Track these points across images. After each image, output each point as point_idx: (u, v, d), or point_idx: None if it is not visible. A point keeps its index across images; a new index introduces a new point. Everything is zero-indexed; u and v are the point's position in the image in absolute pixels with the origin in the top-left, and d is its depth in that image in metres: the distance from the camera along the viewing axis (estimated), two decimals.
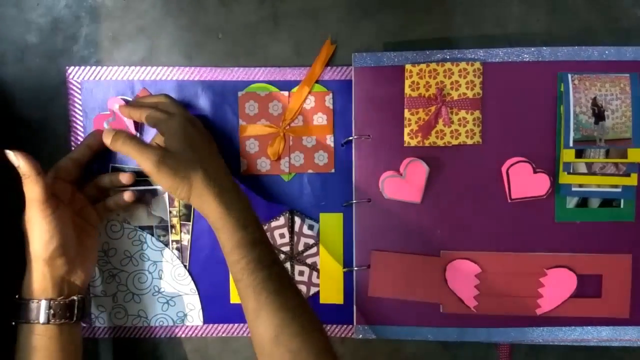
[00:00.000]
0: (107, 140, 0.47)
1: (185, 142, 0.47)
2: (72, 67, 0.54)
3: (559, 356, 0.55)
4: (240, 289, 0.45)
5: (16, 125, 0.54)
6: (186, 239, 0.54)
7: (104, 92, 0.54)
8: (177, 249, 0.54)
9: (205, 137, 0.50)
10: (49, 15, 0.54)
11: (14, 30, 0.54)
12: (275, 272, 0.45)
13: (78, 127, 0.54)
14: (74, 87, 0.54)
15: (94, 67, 0.54)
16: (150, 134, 0.54)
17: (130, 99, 0.53)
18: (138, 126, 0.54)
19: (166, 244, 0.54)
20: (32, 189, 0.45)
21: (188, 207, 0.54)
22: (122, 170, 0.54)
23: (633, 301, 0.52)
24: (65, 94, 0.54)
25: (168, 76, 0.53)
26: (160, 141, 0.48)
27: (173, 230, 0.54)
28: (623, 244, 0.52)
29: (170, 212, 0.54)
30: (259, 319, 0.44)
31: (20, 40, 0.54)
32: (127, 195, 0.52)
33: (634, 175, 0.51)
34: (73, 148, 0.54)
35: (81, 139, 0.54)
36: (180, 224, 0.54)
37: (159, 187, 0.54)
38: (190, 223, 0.54)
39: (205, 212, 0.46)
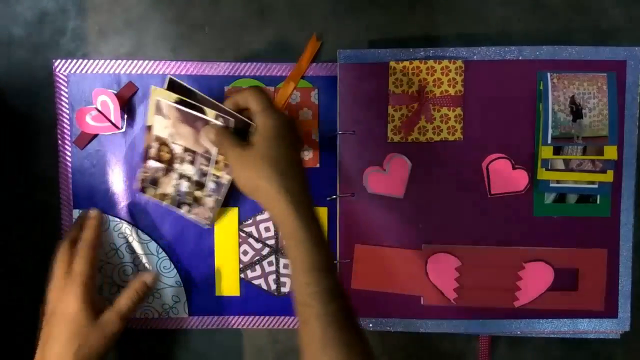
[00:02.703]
0: (209, 135, 0.49)
1: (274, 141, 0.45)
2: (58, 60, 0.54)
3: (537, 348, 0.57)
4: (305, 314, 0.42)
5: (2, 117, 0.54)
6: (226, 178, 0.52)
7: (90, 85, 0.54)
8: (215, 182, 0.52)
9: (296, 145, 0.47)
10: (36, 8, 0.54)
11: (0, 22, 0.54)
12: (345, 306, 0.42)
13: (64, 119, 0.54)
14: (61, 80, 0.54)
15: (80, 60, 0.54)
16: (138, 124, 0.54)
17: (116, 92, 0.53)
18: (123, 117, 0.54)
19: (204, 174, 0.52)
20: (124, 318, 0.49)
21: None
22: None
23: (607, 294, 0.54)
24: (52, 86, 0.54)
25: (154, 70, 0.54)
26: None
27: (216, 165, 0.51)
28: (599, 239, 0.54)
29: None
30: (324, 352, 0.41)
31: (6, 32, 0.54)
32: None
33: (610, 172, 0.53)
34: (61, 142, 0.54)
35: (67, 132, 0.54)
36: (224, 162, 0.51)
37: (211, 119, 0.49)
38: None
39: (279, 223, 0.44)
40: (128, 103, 0.54)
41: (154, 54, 0.54)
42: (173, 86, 0.50)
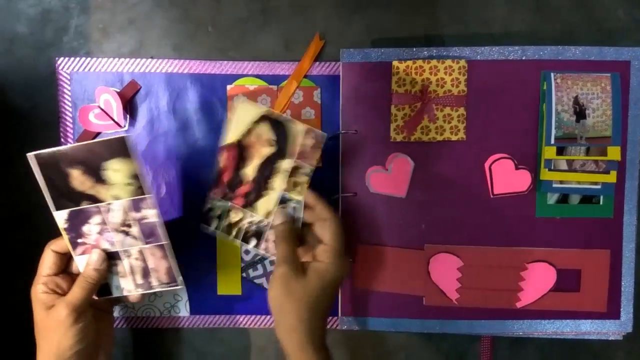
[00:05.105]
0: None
1: (326, 290, 0.47)
2: (61, 58, 0.54)
3: (539, 349, 0.56)
4: None
5: (5, 115, 0.54)
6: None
7: (93, 83, 0.54)
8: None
9: (336, 293, 0.50)
10: (39, 6, 0.54)
11: (3, 20, 0.54)
12: None
13: (67, 117, 0.54)
14: (64, 78, 0.54)
15: (83, 59, 0.54)
16: (140, 124, 0.54)
17: (119, 91, 0.53)
18: (126, 115, 0.54)
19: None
20: (79, 293, 0.46)
21: None
22: None
23: (610, 295, 0.54)
24: (55, 84, 0.54)
25: (157, 69, 0.54)
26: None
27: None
28: (601, 240, 0.53)
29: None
30: None
31: (10, 30, 0.54)
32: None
33: (613, 173, 0.52)
34: (63, 140, 0.54)
35: (70, 130, 0.54)
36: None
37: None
38: None
39: (290, 354, 0.46)
40: (131, 101, 0.54)
41: (157, 52, 0.54)
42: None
